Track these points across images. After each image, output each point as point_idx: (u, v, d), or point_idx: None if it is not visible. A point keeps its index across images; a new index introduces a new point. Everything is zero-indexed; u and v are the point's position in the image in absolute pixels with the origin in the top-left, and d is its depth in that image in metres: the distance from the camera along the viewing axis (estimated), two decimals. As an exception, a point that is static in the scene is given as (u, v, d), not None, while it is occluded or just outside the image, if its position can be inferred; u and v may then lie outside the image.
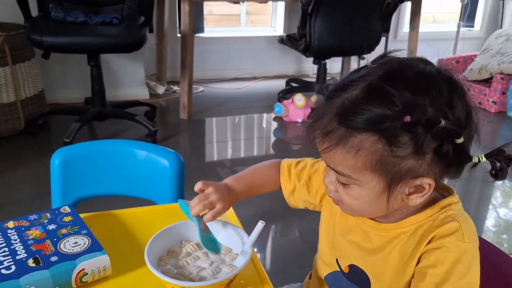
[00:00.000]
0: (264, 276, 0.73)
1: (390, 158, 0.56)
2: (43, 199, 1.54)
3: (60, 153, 1.16)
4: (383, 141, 0.55)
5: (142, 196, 1.19)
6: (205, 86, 3.84)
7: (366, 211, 0.66)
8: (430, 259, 0.62)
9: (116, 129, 2.83)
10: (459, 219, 0.63)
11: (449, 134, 0.55)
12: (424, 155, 0.56)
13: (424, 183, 0.59)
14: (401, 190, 0.60)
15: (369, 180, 0.59)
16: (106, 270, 0.70)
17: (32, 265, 0.67)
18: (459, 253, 0.60)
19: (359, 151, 0.57)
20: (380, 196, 0.61)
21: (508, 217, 2.26)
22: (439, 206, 0.64)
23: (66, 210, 0.82)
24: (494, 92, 3.62)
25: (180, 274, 0.68)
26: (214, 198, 0.74)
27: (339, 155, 0.58)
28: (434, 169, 0.59)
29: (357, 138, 0.56)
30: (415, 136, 0.54)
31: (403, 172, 0.58)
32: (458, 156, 0.57)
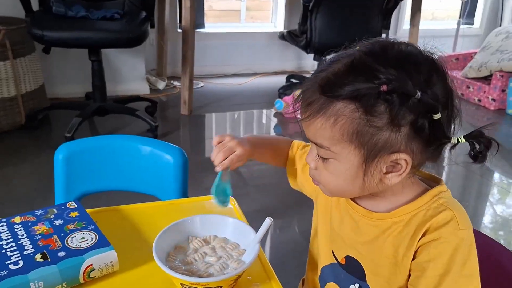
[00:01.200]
0: (270, 272, 0.73)
1: (367, 128, 0.57)
2: (45, 194, 1.55)
3: (64, 148, 1.16)
4: (361, 110, 0.56)
5: (146, 192, 1.19)
6: (205, 82, 3.83)
7: (343, 189, 0.66)
8: (429, 252, 0.62)
9: (117, 124, 2.82)
10: (452, 207, 0.63)
11: (425, 108, 0.55)
12: (399, 127, 0.57)
13: (400, 158, 0.59)
14: (377, 167, 0.61)
15: (346, 153, 0.60)
16: (113, 266, 0.71)
17: (40, 260, 0.67)
18: (457, 242, 0.61)
19: (337, 119, 0.58)
20: (357, 171, 0.62)
21: (505, 214, 2.28)
22: (430, 194, 0.65)
23: (72, 205, 0.82)
24: (494, 90, 3.62)
25: (188, 270, 0.68)
26: (232, 144, 0.76)
27: (319, 125, 0.60)
28: (412, 146, 0.59)
29: (336, 106, 0.58)
30: (391, 105, 0.55)
31: (380, 145, 0.58)
32: (435, 134, 0.57)
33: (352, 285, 0.73)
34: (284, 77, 3.88)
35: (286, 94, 3.27)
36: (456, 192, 2.50)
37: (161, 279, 0.69)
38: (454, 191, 2.50)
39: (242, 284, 0.70)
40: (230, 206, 0.75)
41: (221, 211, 0.90)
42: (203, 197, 0.96)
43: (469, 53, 4.08)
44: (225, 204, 0.73)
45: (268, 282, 0.71)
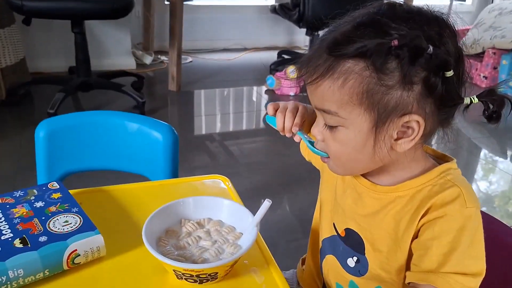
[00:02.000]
0: (269, 256, 0.69)
1: (377, 87, 0.54)
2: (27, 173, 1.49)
3: (45, 124, 1.09)
4: (371, 68, 0.53)
5: (134, 171, 1.13)
6: (194, 57, 3.74)
7: (353, 159, 0.62)
8: (434, 229, 0.59)
9: (102, 100, 2.74)
10: (460, 184, 0.60)
11: (437, 64, 0.53)
12: (412, 85, 0.54)
13: (412, 120, 0.56)
14: (388, 131, 0.57)
15: (355, 117, 0.57)
16: (100, 251, 0.66)
17: (19, 246, 0.61)
18: (463, 220, 0.57)
19: (346, 79, 0.55)
20: (367, 138, 0.58)
21: (488, 190, 2.28)
22: (438, 170, 0.62)
23: (54, 186, 0.77)
24: (486, 67, 3.60)
25: (181, 255, 0.63)
26: (291, 104, 0.71)
27: (327, 87, 0.57)
28: (424, 106, 0.56)
29: (345, 65, 0.55)
30: (402, 61, 0.52)
31: (391, 106, 0.55)
32: (448, 93, 0.55)
33: (350, 258, 0.70)
34: (275, 52, 3.80)
35: (277, 70, 3.20)
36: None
37: (152, 265, 0.64)
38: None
39: (238, 269, 0.65)
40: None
41: (215, 192, 0.86)
42: (195, 177, 0.90)
43: (462, 30, 4.03)
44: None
45: (266, 267, 0.67)
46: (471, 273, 0.57)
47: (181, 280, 0.62)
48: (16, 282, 0.59)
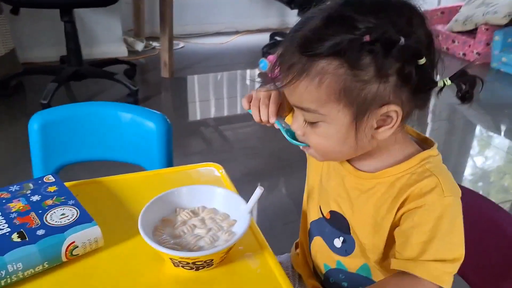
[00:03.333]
0: (262, 242, 0.71)
1: (354, 83, 0.55)
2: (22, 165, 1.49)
3: (39, 116, 1.09)
4: (346, 65, 0.54)
5: (129, 161, 1.14)
6: (185, 42, 3.71)
7: (336, 151, 0.63)
8: (413, 219, 0.60)
9: (95, 89, 2.72)
10: (438, 173, 0.61)
11: (410, 54, 0.53)
12: (387, 77, 0.55)
13: (390, 110, 0.57)
14: (368, 123, 0.58)
15: (335, 113, 0.58)
16: (97, 242, 0.67)
17: (17, 240, 0.62)
18: (442, 209, 0.59)
19: (322, 78, 0.55)
20: (348, 131, 0.59)
21: (484, 166, 2.30)
22: (419, 158, 0.63)
23: (50, 179, 0.77)
24: (479, 44, 3.59)
25: (177, 244, 0.65)
26: (262, 93, 0.70)
27: (303, 88, 0.57)
28: (400, 96, 0.57)
29: (320, 64, 0.55)
30: (376, 55, 0.53)
31: (369, 99, 0.56)
32: (422, 80, 0.56)
33: (336, 239, 0.72)
34: (267, 35, 3.76)
35: (270, 53, 3.18)
36: (440, 147, 2.51)
37: (149, 254, 0.65)
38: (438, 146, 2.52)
39: (233, 255, 0.67)
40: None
41: (208, 180, 0.87)
42: (190, 166, 0.91)
43: (454, 6, 4.01)
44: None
45: (261, 252, 0.68)
46: (450, 259, 0.58)
47: (178, 267, 0.63)
48: (15, 276, 0.60)
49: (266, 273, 0.65)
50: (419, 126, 2.72)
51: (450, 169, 0.64)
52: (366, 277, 0.71)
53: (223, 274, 0.64)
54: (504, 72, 3.46)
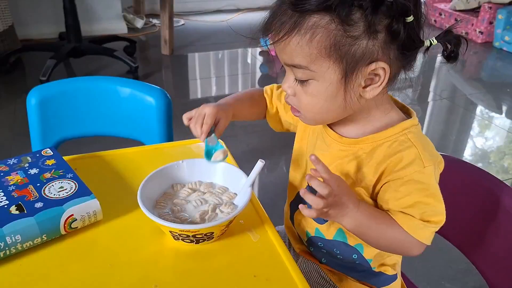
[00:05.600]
0: (263, 215, 0.70)
1: (344, 38, 0.56)
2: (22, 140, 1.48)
3: (37, 91, 1.08)
4: (336, 21, 0.55)
5: (128, 136, 1.13)
6: (186, 19, 3.66)
7: (325, 111, 0.64)
8: (396, 189, 0.62)
9: (94, 66, 2.70)
10: (418, 143, 0.62)
11: (398, 11, 0.55)
12: (376, 34, 0.56)
13: (378, 67, 0.58)
14: (357, 80, 0.59)
15: (325, 70, 0.59)
16: (96, 215, 0.66)
17: (15, 213, 0.62)
18: (422, 180, 0.61)
19: (313, 34, 0.56)
20: (337, 88, 0.60)
21: (484, 146, 2.29)
22: (401, 127, 0.64)
23: (48, 152, 0.76)
24: (482, 22, 3.54)
25: (177, 217, 0.64)
26: (200, 111, 0.73)
27: (295, 44, 0.58)
28: (389, 53, 0.58)
29: (311, 20, 0.56)
30: (366, 10, 0.54)
31: (358, 55, 0.57)
32: (410, 37, 0.57)
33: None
34: (268, 13, 3.72)
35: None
36: (440, 126, 2.50)
37: (149, 227, 0.65)
38: (438, 125, 2.51)
39: (234, 228, 0.66)
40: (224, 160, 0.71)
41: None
42: (190, 140, 0.90)
43: (459, -16, 3.94)
44: (218, 160, 0.71)
45: (262, 226, 0.68)
46: (434, 221, 0.62)
47: (178, 241, 0.63)
48: (14, 248, 0.60)
49: (266, 246, 0.64)
50: (420, 104, 2.70)
51: (450, 148, 0.65)
52: (343, 242, 0.73)
53: (224, 247, 0.64)
54: (506, 51, 3.42)
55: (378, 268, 0.75)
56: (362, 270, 0.75)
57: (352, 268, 0.75)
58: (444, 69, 3.33)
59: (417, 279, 0.92)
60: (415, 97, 2.83)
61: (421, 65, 3.33)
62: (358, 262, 0.74)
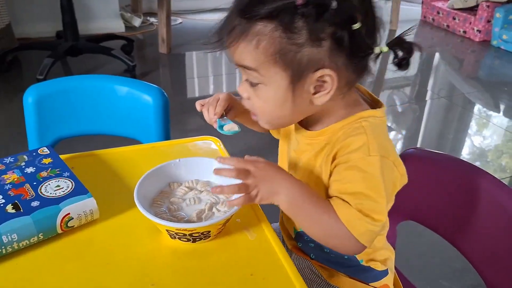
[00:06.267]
0: (260, 214, 0.70)
1: (288, 46, 0.56)
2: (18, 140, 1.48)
3: (33, 90, 1.08)
4: (280, 28, 0.56)
5: (125, 135, 1.13)
6: (183, 18, 3.65)
7: (277, 116, 0.64)
8: (340, 173, 0.62)
9: (92, 64, 2.69)
10: (370, 132, 0.61)
11: (343, 18, 0.55)
12: (320, 41, 0.56)
13: (325, 75, 0.58)
14: (305, 87, 0.60)
15: (273, 75, 0.59)
16: (93, 214, 0.66)
17: (11, 212, 0.62)
18: (365, 167, 0.60)
19: (259, 40, 0.57)
20: (285, 94, 0.61)
21: (482, 145, 2.30)
22: (358, 116, 0.64)
23: (44, 151, 0.76)
24: (479, 21, 3.55)
25: (174, 216, 0.64)
26: (213, 97, 0.75)
27: (243, 49, 0.59)
28: (335, 60, 0.58)
29: (257, 27, 0.57)
30: (308, 18, 0.55)
31: (303, 62, 0.57)
32: (356, 45, 0.57)
33: None
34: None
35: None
36: (438, 124, 2.50)
37: (145, 226, 0.65)
38: (436, 124, 2.51)
39: (231, 227, 0.66)
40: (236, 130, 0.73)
41: (206, 153, 0.86)
42: (187, 139, 0.90)
43: (457, -18, 3.94)
44: (232, 131, 0.72)
45: (258, 224, 0.68)
46: (372, 216, 0.59)
47: (175, 239, 0.63)
48: (10, 247, 0.60)
49: (263, 245, 0.64)
50: (418, 103, 2.70)
51: (448, 147, 0.64)
52: None
53: (220, 246, 0.64)
54: (504, 49, 3.42)
55: (367, 263, 0.75)
56: (351, 265, 0.75)
57: (341, 264, 0.75)
58: (442, 68, 3.33)
59: (414, 277, 0.92)
60: (413, 96, 2.83)
61: (419, 64, 3.34)
62: (346, 257, 0.74)
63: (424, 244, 1.44)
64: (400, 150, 2.21)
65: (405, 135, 2.38)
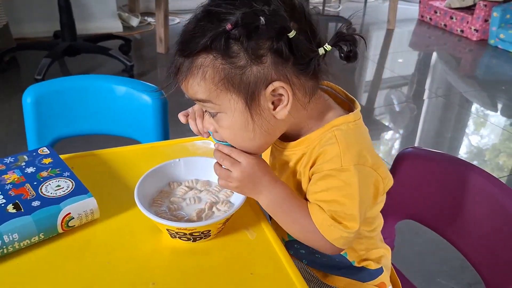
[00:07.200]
0: (260, 213, 0.70)
1: (232, 70, 0.57)
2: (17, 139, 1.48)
3: (32, 90, 1.08)
4: (219, 56, 0.56)
5: (124, 135, 1.13)
6: (181, 18, 3.65)
7: (245, 140, 0.63)
8: (316, 183, 0.62)
9: (89, 64, 2.69)
10: (342, 141, 0.61)
11: (275, 31, 0.55)
12: (261, 58, 0.56)
13: (277, 87, 0.58)
14: (262, 105, 0.60)
15: (228, 102, 0.60)
16: (93, 214, 0.66)
17: (12, 211, 0.62)
18: (341, 178, 0.60)
19: (204, 72, 0.58)
20: (245, 117, 0.60)
21: (479, 144, 2.31)
22: (330, 124, 0.63)
23: (44, 151, 0.76)
24: (477, 20, 3.56)
25: (174, 216, 0.64)
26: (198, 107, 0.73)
27: (193, 83, 0.60)
28: (284, 72, 0.58)
29: (198, 61, 0.58)
30: (241, 40, 0.55)
31: (252, 82, 0.58)
32: (299, 51, 0.57)
33: None
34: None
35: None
36: (435, 123, 2.51)
37: (146, 225, 0.65)
38: (434, 123, 2.52)
39: (231, 226, 0.66)
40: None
41: (205, 152, 0.86)
42: (186, 139, 0.91)
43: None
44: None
45: (258, 223, 0.68)
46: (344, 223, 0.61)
47: (175, 239, 0.63)
48: (11, 246, 0.60)
49: (263, 244, 0.65)
50: (415, 102, 2.71)
51: (446, 146, 0.63)
52: None
53: (220, 245, 0.64)
54: (501, 48, 3.44)
55: (359, 263, 0.75)
56: (343, 267, 0.75)
57: (334, 266, 0.76)
58: (439, 67, 3.34)
59: (412, 275, 0.93)
60: (410, 95, 2.84)
61: (416, 63, 3.35)
62: (338, 260, 0.74)
63: (422, 243, 1.44)
64: (398, 149, 2.21)
65: (403, 134, 2.39)
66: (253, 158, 0.63)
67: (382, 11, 4.20)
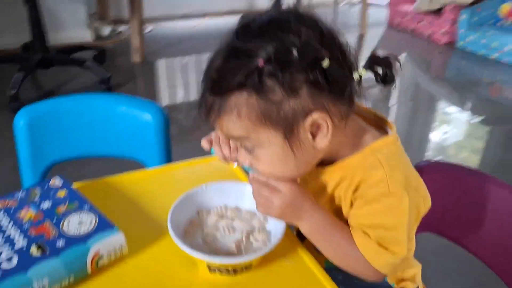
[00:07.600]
0: (293, 238, 0.68)
1: (269, 106, 0.55)
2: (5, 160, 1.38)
3: (25, 112, 1.01)
4: (254, 93, 0.55)
5: (125, 156, 1.08)
6: (154, 25, 3.58)
7: (287, 170, 0.62)
8: (362, 209, 0.61)
9: (64, 77, 2.59)
10: (386, 164, 0.60)
11: (308, 62, 0.54)
12: (297, 90, 0.55)
13: (316, 119, 0.57)
14: (301, 136, 0.58)
15: (266, 137, 0.58)
16: (122, 250, 0.62)
17: (37, 255, 0.57)
18: (388, 203, 0.59)
19: (239, 110, 0.56)
20: (284, 150, 0.59)
21: (441, 140, 2.35)
22: (370, 148, 0.62)
23: (56, 184, 0.71)
24: (445, 23, 3.66)
25: (212, 248, 0.61)
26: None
27: (228, 122, 0.58)
28: (321, 102, 0.56)
29: (232, 100, 0.56)
30: (276, 75, 0.53)
31: (290, 116, 0.56)
32: (334, 80, 0.55)
33: None
34: (236, 17, 3.69)
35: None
36: (405, 126, 2.54)
37: (177, 258, 0.61)
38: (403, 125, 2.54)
39: (269, 256, 0.63)
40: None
41: (225, 174, 0.83)
42: (202, 158, 0.87)
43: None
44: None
45: (293, 248, 0.66)
46: (391, 249, 0.59)
47: (214, 273, 0.60)
48: (42, 293, 0.55)
49: (303, 271, 0.63)
50: (385, 104, 2.75)
51: (414, 146, 0.62)
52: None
53: (261, 276, 0.61)
54: (470, 50, 3.55)
55: (398, 284, 0.74)
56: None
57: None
58: (409, 69, 3.41)
59: None
60: (380, 98, 2.88)
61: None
62: (378, 284, 0.73)
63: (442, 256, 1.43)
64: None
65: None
66: (293, 184, 0.61)
67: (351, 16, 4.25)
